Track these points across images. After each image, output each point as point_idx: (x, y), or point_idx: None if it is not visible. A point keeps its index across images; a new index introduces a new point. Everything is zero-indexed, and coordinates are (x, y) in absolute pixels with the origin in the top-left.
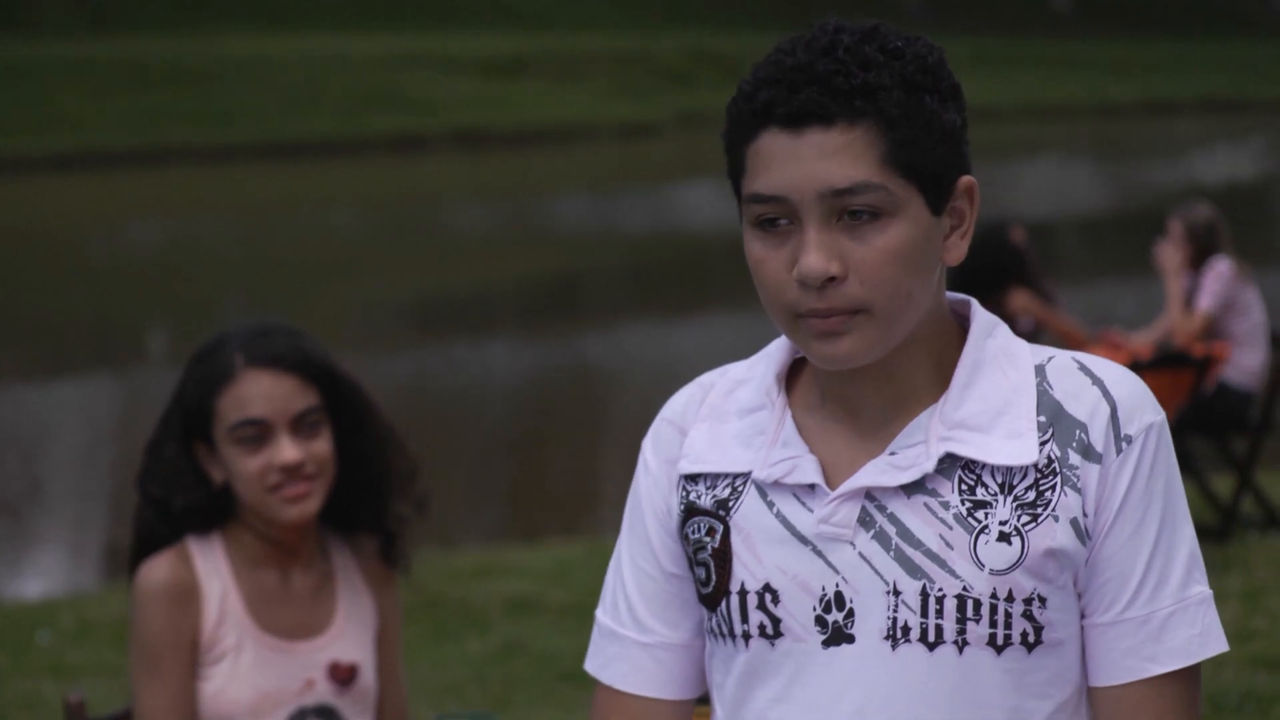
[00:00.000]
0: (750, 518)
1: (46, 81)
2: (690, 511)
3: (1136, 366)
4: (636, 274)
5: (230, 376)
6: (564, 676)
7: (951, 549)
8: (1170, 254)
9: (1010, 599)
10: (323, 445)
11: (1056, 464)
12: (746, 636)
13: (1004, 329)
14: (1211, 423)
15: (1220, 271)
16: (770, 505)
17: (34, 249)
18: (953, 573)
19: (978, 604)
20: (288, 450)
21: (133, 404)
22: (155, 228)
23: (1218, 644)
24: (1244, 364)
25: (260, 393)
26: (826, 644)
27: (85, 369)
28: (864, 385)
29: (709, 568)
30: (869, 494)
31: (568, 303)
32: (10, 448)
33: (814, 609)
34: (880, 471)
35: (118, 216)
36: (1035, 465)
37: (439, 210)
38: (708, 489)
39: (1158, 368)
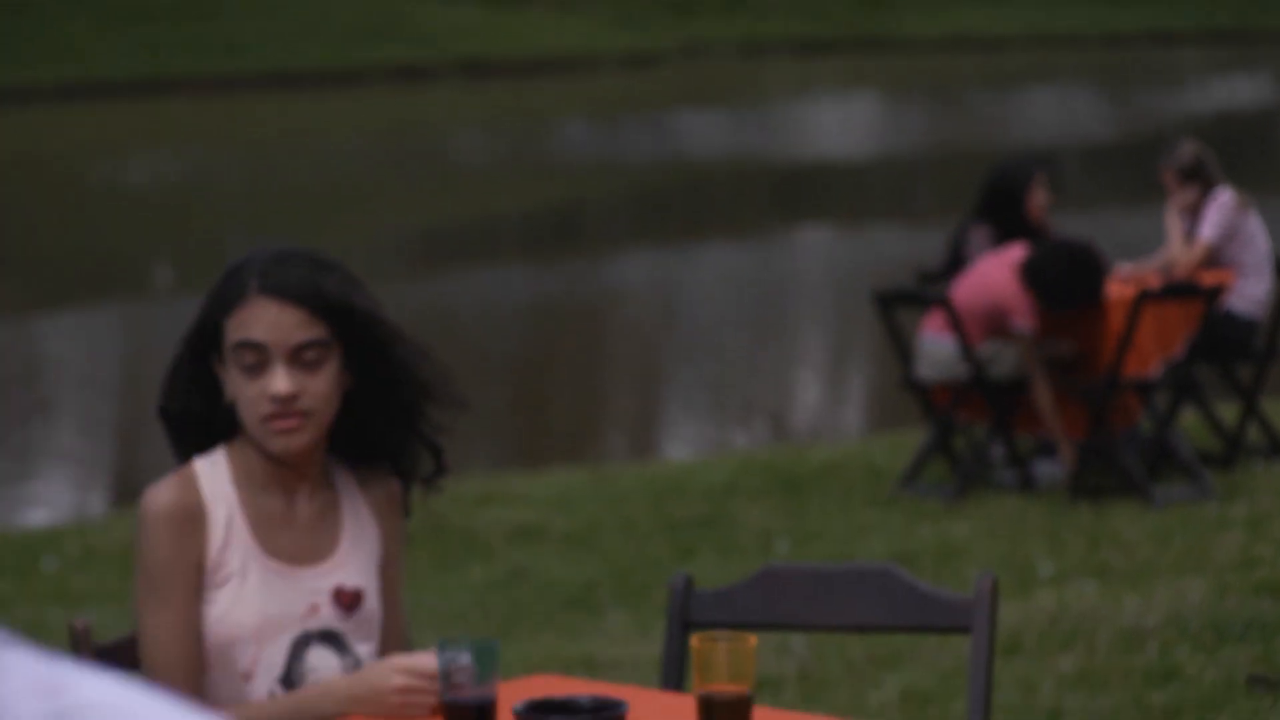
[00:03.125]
0: None
1: (50, 11)
2: None
3: (1145, 296)
4: (639, 203)
5: (241, 299)
6: (567, 604)
7: None
8: (1174, 196)
9: None
10: (321, 383)
11: None
12: None
13: None
14: (1217, 351)
15: (1222, 202)
16: None
17: (38, 179)
18: None
19: None
20: (280, 381)
21: (137, 334)
22: (159, 158)
23: None
24: (1249, 293)
25: (264, 319)
26: None
27: (89, 299)
28: None
29: None
30: None
31: (571, 232)
32: (16, 377)
33: None
34: None
35: (121, 147)
36: None
37: (442, 140)
38: None
39: (1166, 298)
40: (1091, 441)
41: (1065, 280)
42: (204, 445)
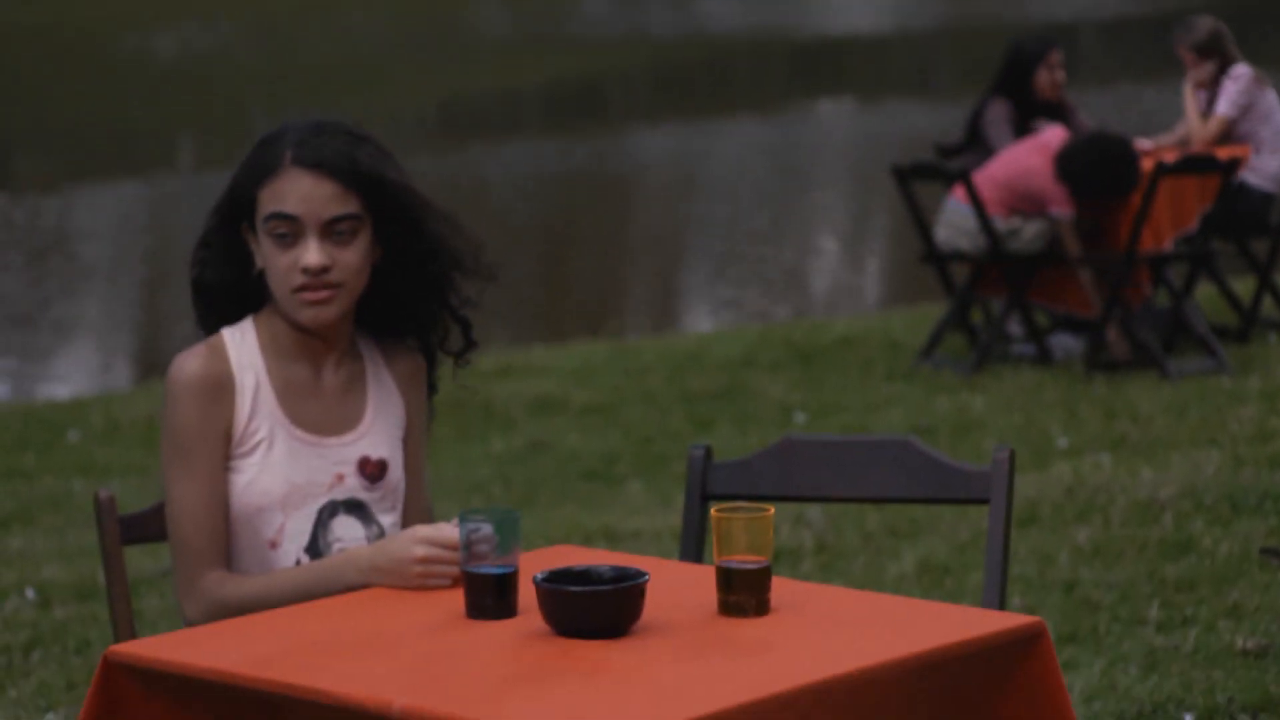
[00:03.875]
0: None
1: None
2: None
3: (1161, 169)
4: (660, 77)
5: (275, 170)
6: (587, 475)
7: None
8: (1191, 72)
9: None
10: (352, 255)
11: None
12: None
13: None
14: (1232, 225)
15: (1238, 76)
16: None
17: (64, 52)
18: None
19: None
20: (313, 253)
21: (162, 207)
22: (184, 32)
23: None
24: (1265, 167)
25: (298, 192)
26: None
27: (114, 173)
28: None
29: None
30: None
31: (592, 106)
32: (41, 252)
33: None
34: None
35: (146, 21)
36: None
37: (463, 13)
38: None
39: (1183, 171)
40: (1106, 315)
41: (1094, 174)
42: (231, 316)
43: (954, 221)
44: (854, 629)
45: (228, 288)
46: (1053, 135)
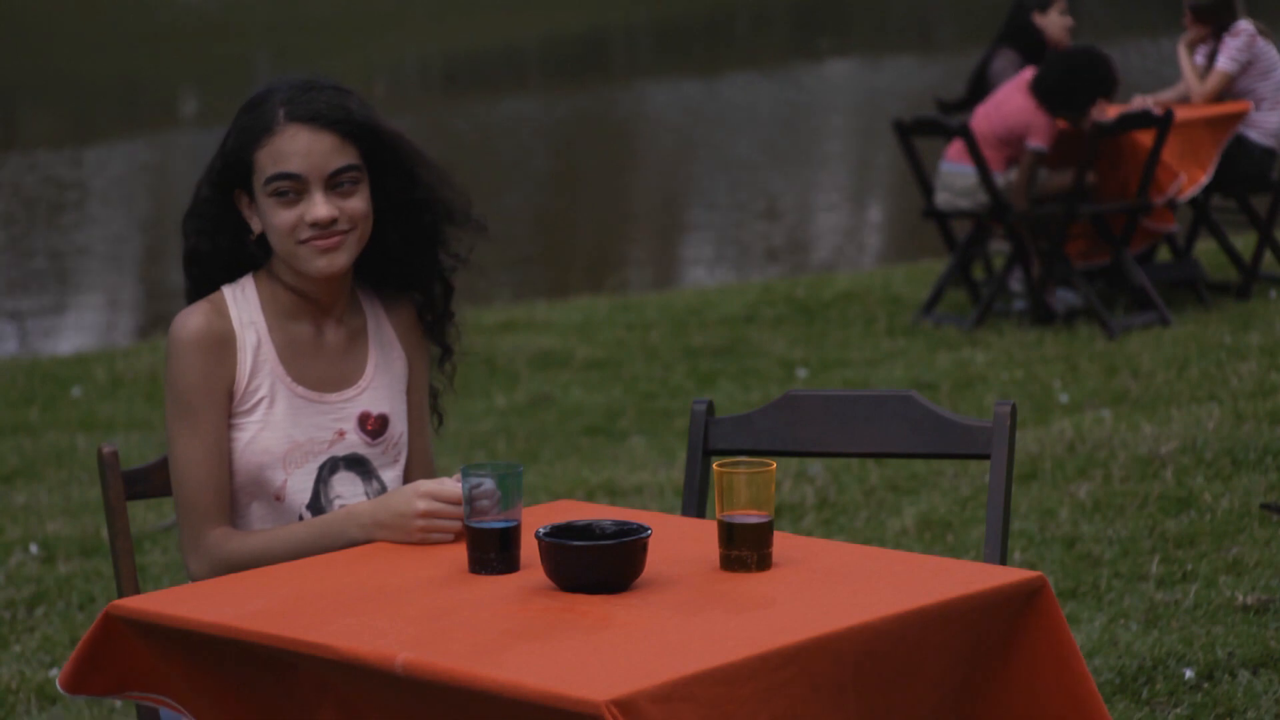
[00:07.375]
0: None
1: None
2: None
3: (1100, 130)
4: (661, 32)
5: (270, 130)
6: (589, 430)
7: None
8: (1188, 32)
9: None
10: (357, 203)
11: None
12: None
13: None
14: (1233, 181)
15: (1238, 31)
16: None
17: (68, 6)
18: None
19: None
20: (320, 207)
21: (164, 165)
22: None
23: None
24: (1265, 123)
25: (298, 149)
26: None
27: (119, 130)
28: None
29: None
30: None
31: (595, 60)
32: (45, 208)
33: None
34: None
35: None
36: None
37: None
38: None
39: (1120, 130)
40: (1048, 270)
41: (1067, 82)
42: (220, 272)
43: (951, 184)
44: (855, 584)
45: (220, 256)
46: (1028, 72)
